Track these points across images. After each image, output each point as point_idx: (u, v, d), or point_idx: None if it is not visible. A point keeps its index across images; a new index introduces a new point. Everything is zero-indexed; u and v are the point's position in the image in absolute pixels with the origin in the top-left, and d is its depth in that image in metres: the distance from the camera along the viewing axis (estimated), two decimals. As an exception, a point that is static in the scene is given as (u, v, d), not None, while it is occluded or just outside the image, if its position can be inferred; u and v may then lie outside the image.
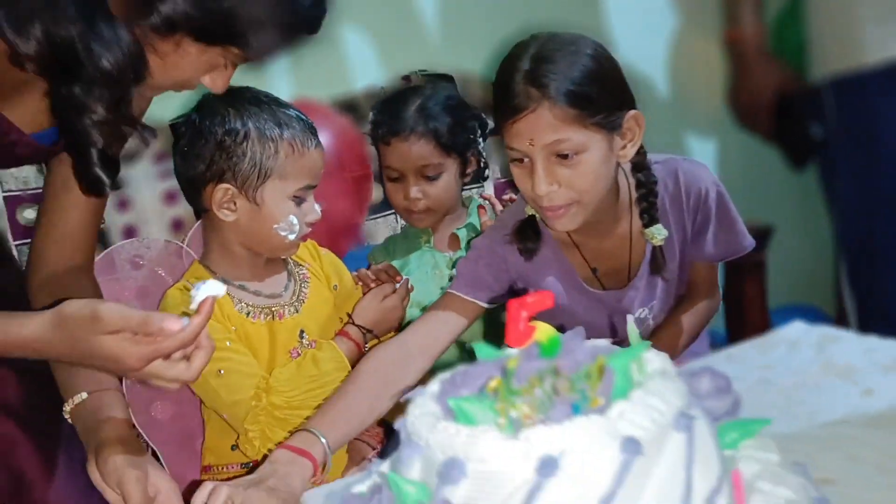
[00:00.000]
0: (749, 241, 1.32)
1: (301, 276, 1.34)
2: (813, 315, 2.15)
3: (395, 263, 1.50)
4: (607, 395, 0.59)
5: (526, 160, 1.12)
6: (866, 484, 0.78)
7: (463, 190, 1.58)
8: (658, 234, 1.22)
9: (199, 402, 1.27)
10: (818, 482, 0.79)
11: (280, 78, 1.83)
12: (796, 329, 1.22)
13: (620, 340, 1.30)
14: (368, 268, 1.48)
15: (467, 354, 0.70)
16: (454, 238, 1.53)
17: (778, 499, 0.58)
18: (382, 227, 1.83)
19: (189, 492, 0.98)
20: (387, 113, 1.49)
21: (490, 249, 1.26)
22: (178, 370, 0.88)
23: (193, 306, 0.86)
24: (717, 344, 1.48)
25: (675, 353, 1.30)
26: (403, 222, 1.64)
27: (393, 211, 1.67)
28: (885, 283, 1.83)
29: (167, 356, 0.87)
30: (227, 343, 1.18)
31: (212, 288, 0.86)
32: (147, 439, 1.27)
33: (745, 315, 1.59)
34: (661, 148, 2.33)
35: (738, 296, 1.58)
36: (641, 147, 1.20)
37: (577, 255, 1.27)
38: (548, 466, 0.54)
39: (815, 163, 1.98)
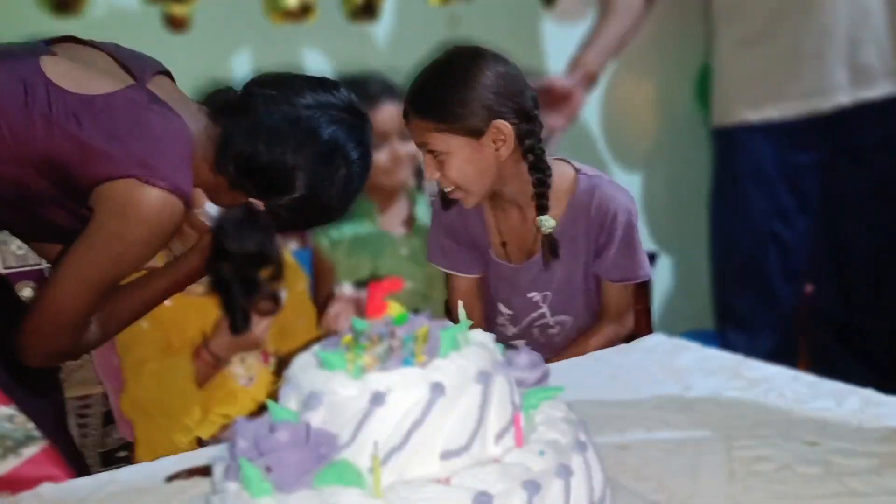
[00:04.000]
0: (645, 272, 1.49)
1: None
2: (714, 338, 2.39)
3: (348, 245, 1.69)
4: (433, 354, 0.80)
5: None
6: (652, 449, 1.01)
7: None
8: (546, 223, 1.42)
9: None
10: (617, 447, 1.02)
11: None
12: (655, 339, 1.45)
13: (516, 315, 1.52)
14: (313, 257, 1.69)
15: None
16: (409, 220, 1.73)
17: (547, 437, 0.80)
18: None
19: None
20: None
21: (444, 223, 1.52)
22: None
23: None
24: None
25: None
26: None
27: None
28: (742, 300, 2.11)
29: None
30: (143, 324, 1.39)
31: None
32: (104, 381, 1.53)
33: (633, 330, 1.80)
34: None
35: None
36: (538, 149, 1.39)
37: (494, 226, 1.49)
38: (377, 399, 0.75)
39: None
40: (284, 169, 1.21)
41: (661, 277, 2.68)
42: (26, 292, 1.65)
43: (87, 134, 1.12)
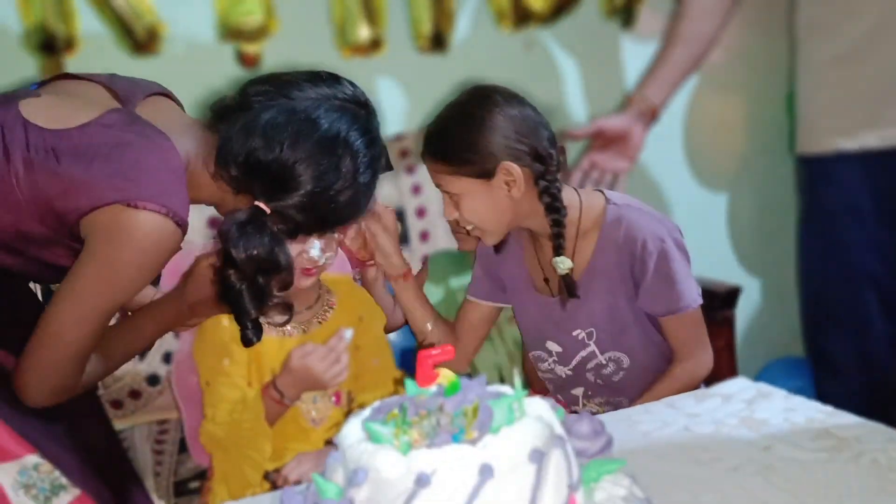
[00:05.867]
0: (687, 303, 1.39)
1: (328, 302, 1.53)
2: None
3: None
4: (484, 429, 0.77)
5: None
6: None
7: None
8: (562, 264, 1.38)
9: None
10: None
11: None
12: (736, 384, 1.36)
13: (565, 352, 1.47)
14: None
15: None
16: None
17: (605, 521, 0.75)
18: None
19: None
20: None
21: (483, 252, 1.52)
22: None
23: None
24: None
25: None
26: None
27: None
28: (835, 342, 1.97)
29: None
30: (225, 361, 1.41)
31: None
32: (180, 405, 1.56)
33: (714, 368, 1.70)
34: (673, 200, 2.48)
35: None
36: (553, 189, 1.35)
37: (537, 263, 1.46)
38: (422, 480, 0.72)
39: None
40: (285, 164, 1.15)
41: (749, 302, 2.57)
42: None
43: (64, 167, 1.10)
